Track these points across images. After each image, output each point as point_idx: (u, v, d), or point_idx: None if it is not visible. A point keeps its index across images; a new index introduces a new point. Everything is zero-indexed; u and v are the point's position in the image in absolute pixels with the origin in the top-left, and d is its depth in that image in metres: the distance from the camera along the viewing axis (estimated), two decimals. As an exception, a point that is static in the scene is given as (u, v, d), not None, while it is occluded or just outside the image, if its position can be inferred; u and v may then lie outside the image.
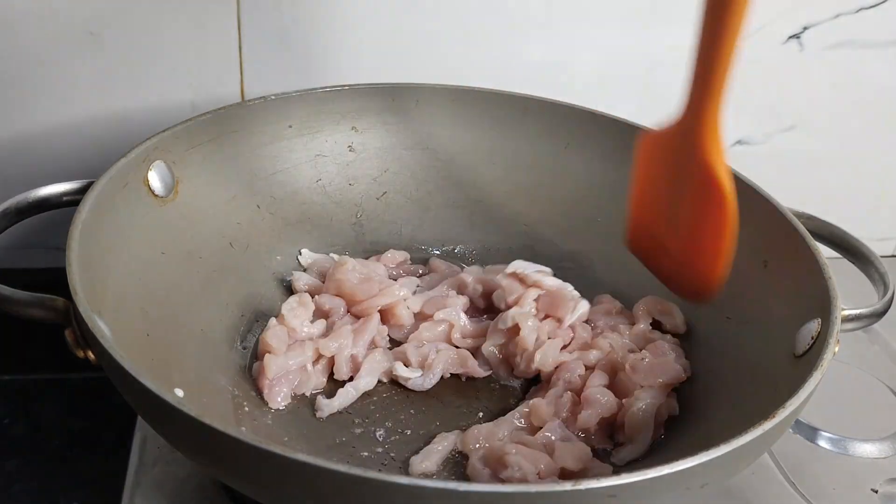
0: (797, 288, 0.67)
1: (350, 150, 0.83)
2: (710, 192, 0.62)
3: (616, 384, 0.69)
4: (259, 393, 0.68)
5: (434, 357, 0.71)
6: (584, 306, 0.74)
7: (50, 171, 0.84)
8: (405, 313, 0.75)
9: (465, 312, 0.76)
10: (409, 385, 0.70)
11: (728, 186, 0.61)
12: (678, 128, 0.62)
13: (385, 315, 0.75)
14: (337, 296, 0.75)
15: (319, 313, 0.74)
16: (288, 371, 0.69)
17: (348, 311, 0.75)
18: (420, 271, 0.82)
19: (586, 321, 0.75)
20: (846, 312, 0.63)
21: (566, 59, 0.88)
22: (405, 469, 0.64)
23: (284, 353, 0.69)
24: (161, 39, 0.81)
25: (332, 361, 0.71)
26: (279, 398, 0.68)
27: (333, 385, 0.70)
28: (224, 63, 0.83)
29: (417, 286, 0.79)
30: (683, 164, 0.63)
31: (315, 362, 0.70)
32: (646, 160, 0.68)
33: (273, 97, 0.78)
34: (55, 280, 0.58)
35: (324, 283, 0.77)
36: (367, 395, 0.71)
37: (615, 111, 0.82)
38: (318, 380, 0.70)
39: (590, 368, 0.70)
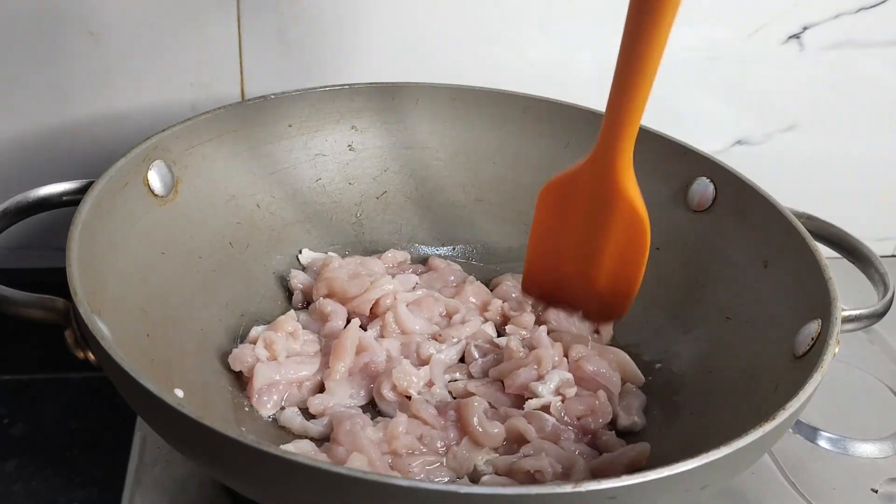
0: (797, 288, 0.67)
1: (350, 150, 0.83)
2: (629, 220, 0.68)
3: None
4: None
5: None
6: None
7: (50, 171, 0.84)
8: (401, 310, 0.75)
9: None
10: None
11: (644, 213, 0.68)
12: (590, 167, 0.67)
13: (377, 309, 0.75)
14: (329, 296, 0.75)
15: (319, 315, 0.74)
16: (277, 382, 0.69)
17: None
18: (420, 270, 0.82)
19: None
20: (846, 313, 0.63)
21: (566, 59, 0.88)
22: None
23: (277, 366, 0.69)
24: (161, 39, 0.81)
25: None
26: (269, 405, 0.68)
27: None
28: (224, 63, 0.83)
29: (416, 283, 0.80)
30: (600, 199, 0.68)
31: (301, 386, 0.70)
32: (551, 205, 0.72)
33: (273, 97, 0.78)
34: (55, 280, 0.58)
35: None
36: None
37: (615, 111, 0.82)
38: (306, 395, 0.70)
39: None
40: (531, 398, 0.68)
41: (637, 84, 0.61)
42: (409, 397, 0.68)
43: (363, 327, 0.74)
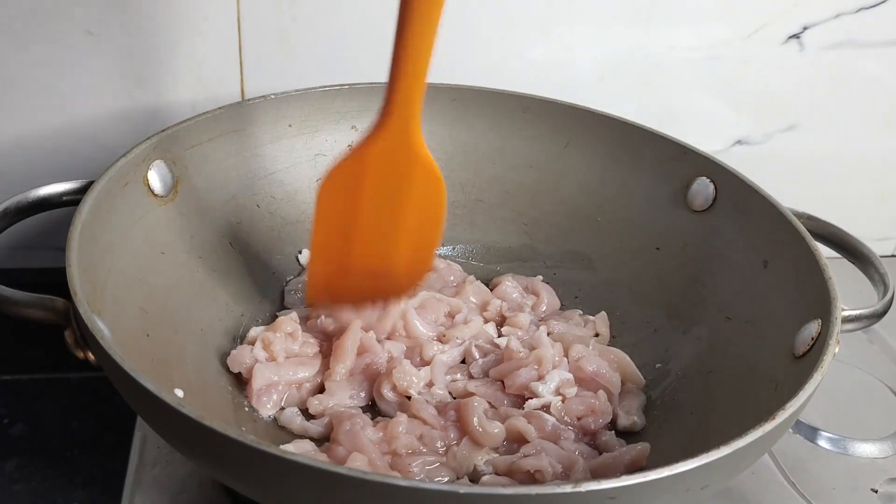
0: (797, 288, 0.67)
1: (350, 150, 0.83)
2: (427, 183, 0.66)
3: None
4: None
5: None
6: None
7: (50, 171, 0.84)
8: (412, 322, 0.74)
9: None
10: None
11: (439, 171, 0.66)
12: (382, 141, 0.63)
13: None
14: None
15: (322, 335, 0.74)
16: (276, 383, 0.69)
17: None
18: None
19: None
20: (846, 313, 0.63)
21: (566, 59, 0.88)
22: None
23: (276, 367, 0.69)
24: (161, 39, 0.81)
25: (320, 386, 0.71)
26: (268, 406, 0.68)
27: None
28: (224, 63, 0.83)
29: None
30: (394, 171, 0.65)
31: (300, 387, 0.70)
32: (335, 196, 0.66)
33: (273, 97, 0.78)
34: (55, 280, 0.58)
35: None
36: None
37: (615, 111, 0.82)
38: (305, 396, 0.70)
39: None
40: (531, 398, 0.68)
41: (420, 38, 0.58)
42: (408, 397, 0.68)
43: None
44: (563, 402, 0.68)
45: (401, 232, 0.68)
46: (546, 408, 0.68)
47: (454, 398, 0.70)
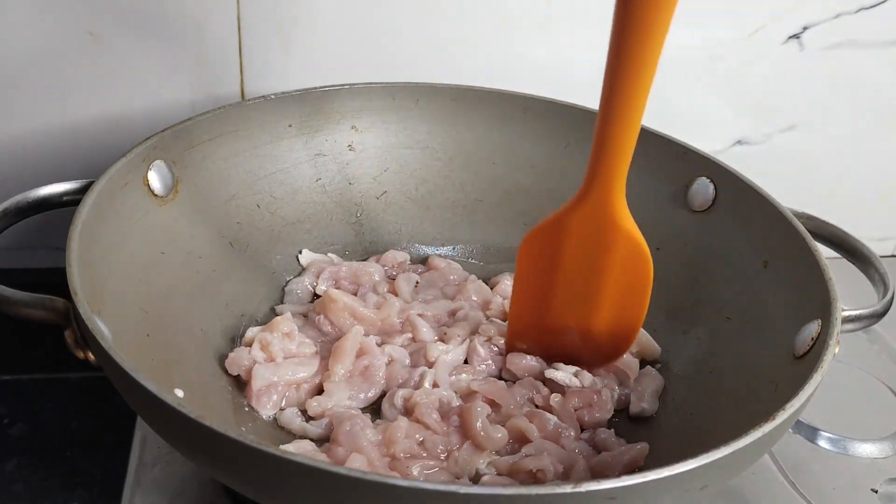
0: (797, 288, 0.67)
1: (350, 150, 0.83)
2: (630, 256, 0.65)
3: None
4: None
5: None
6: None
7: (50, 171, 0.84)
8: (418, 324, 0.75)
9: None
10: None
11: (646, 246, 0.65)
12: (582, 206, 0.63)
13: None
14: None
15: (319, 334, 0.74)
16: (275, 384, 0.69)
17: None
18: (420, 270, 0.82)
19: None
20: (846, 313, 0.63)
21: (566, 59, 0.88)
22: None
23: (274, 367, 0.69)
24: (161, 39, 0.81)
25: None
26: (268, 406, 0.68)
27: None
28: (224, 63, 0.83)
29: (417, 283, 0.80)
30: (594, 239, 0.65)
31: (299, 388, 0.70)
32: (534, 255, 0.68)
33: (273, 97, 0.78)
34: (55, 280, 0.58)
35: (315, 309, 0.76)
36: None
37: (615, 111, 0.82)
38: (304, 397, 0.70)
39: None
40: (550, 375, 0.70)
41: (630, 106, 0.56)
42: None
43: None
44: (563, 396, 0.68)
45: (601, 299, 0.68)
46: (561, 391, 0.69)
47: (459, 397, 0.70)
